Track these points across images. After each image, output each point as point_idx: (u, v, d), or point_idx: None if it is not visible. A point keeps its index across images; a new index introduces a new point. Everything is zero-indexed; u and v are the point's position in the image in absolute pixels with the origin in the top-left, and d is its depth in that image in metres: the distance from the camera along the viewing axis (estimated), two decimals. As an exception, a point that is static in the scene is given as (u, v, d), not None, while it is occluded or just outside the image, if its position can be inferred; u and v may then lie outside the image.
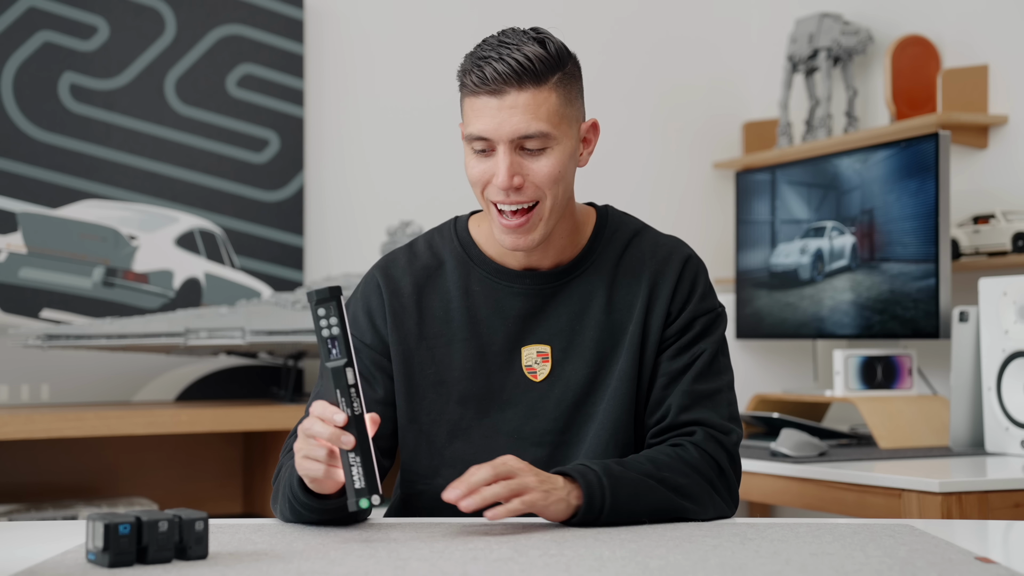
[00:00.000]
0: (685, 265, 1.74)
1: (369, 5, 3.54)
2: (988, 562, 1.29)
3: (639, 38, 3.82)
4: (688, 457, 1.63)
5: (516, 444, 1.68)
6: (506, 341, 1.70)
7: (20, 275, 3.13)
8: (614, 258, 1.73)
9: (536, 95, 1.60)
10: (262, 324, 3.10)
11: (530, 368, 1.70)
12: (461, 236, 1.76)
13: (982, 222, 2.96)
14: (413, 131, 3.55)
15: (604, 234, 1.74)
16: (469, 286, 1.72)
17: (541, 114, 1.60)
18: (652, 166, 3.82)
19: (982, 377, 2.61)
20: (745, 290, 3.33)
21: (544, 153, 1.62)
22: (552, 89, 1.61)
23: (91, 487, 3.15)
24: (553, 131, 1.61)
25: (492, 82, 1.59)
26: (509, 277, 1.72)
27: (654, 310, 1.71)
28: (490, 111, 1.60)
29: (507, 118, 1.59)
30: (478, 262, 1.73)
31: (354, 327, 1.73)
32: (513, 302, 1.71)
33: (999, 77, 3.10)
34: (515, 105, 1.59)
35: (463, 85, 1.64)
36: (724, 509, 1.66)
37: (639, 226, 1.78)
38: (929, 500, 2.20)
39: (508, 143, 1.60)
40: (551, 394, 1.69)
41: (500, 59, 1.59)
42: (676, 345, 1.70)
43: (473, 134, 1.62)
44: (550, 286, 1.72)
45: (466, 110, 1.64)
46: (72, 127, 3.19)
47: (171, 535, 1.27)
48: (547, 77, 1.60)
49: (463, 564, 1.29)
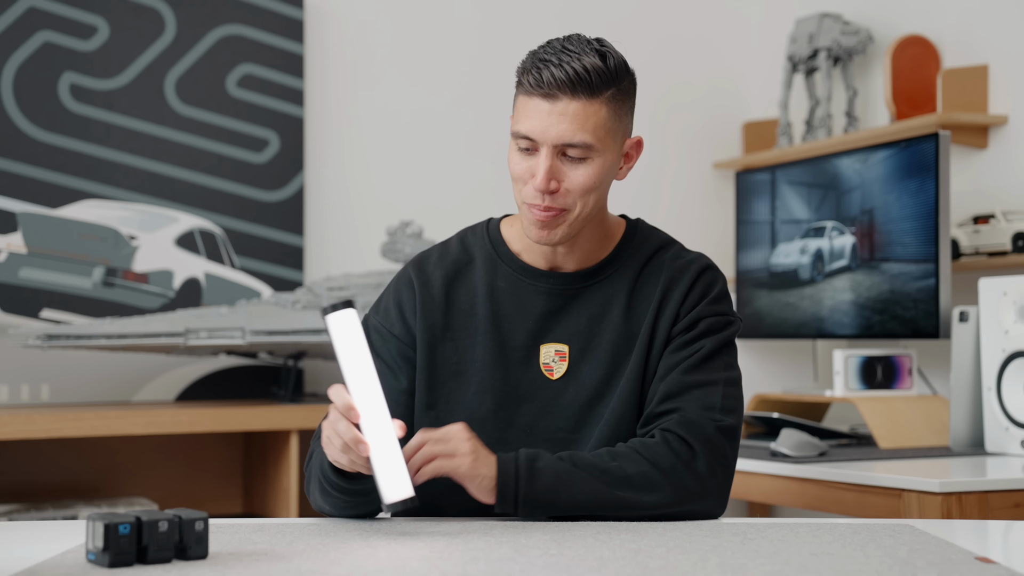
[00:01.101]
0: (702, 273, 1.76)
1: (369, 5, 3.54)
2: (988, 562, 1.29)
3: (639, 38, 3.82)
4: (648, 444, 1.63)
5: (529, 439, 1.72)
6: (526, 338, 1.74)
7: (20, 275, 3.13)
8: (637, 267, 1.77)
9: (587, 106, 1.63)
10: (262, 324, 3.10)
11: (547, 366, 1.74)
12: (492, 235, 1.81)
13: (982, 222, 2.96)
14: (413, 131, 3.55)
15: (632, 244, 1.79)
16: (495, 282, 1.77)
17: (588, 126, 1.64)
18: (652, 166, 3.82)
19: (982, 377, 2.61)
20: (745, 290, 3.33)
21: (584, 163, 1.66)
22: (604, 103, 1.65)
23: (91, 487, 3.16)
24: (597, 144, 1.65)
25: (547, 86, 1.63)
26: (534, 276, 1.77)
27: (664, 312, 1.73)
28: (540, 114, 1.64)
29: (555, 124, 1.63)
30: (506, 259, 1.78)
31: (384, 319, 1.79)
32: (536, 300, 1.75)
33: (999, 77, 3.10)
34: (565, 112, 1.63)
35: (520, 83, 1.68)
36: (694, 498, 1.62)
37: (667, 240, 1.82)
38: (929, 500, 2.20)
39: (552, 147, 1.64)
40: (566, 392, 1.73)
41: (559, 65, 1.63)
42: (678, 341, 1.72)
43: (520, 132, 1.66)
44: (572, 287, 1.76)
45: (518, 107, 1.68)
46: (72, 127, 3.19)
47: (171, 535, 1.27)
48: (601, 91, 1.64)
49: (463, 564, 1.29)
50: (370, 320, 1.81)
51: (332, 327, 1.49)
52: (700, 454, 1.63)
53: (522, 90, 1.67)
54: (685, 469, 1.62)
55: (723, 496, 1.66)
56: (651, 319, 1.73)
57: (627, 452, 1.63)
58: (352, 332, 1.49)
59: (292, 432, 2.97)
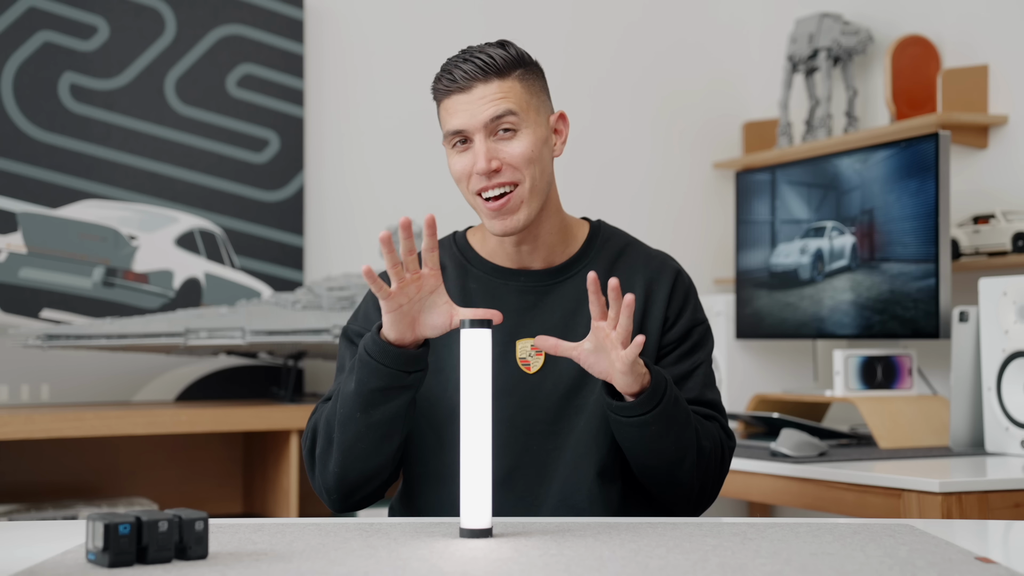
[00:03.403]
0: (678, 277, 1.87)
1: (369, 5, 3.54)
2: (988, 562, 1.29)
3: (641, 41, 3.82)
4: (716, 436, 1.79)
5: (509, 432, 1.76)
6: (501, 334, 1.78)
7: (20, 275, 3.13)
8: (607, 264, 1.85)
9: (501, 85, 1.74)
10: (262, 324, 3.10)
11: (524, 360, 1.80)
12: (460, 243, 1.89)
13: (982, 222, 2.96)
14: (413, 131, 3.55)
15: (596, 242, 1.87)
16: (467, 284, 1.84)
17: (509, 98, 1.74)
18: (653, 166, 3.82)
19: (982, 377, 2.61)
20: (745, 290, 3.33)
21: (516, 136, 1.74)
22: (515, 80, 1.75)
23: (91, 487, 3.16)
24: (520, 112, 1.74)
25: (461, 80, 1.73)
26: (504, 275, 1.83)
27: (650, 313, 1.83)
28: (462, 105, 1.74)
29: (478, 107, 1.73)
30: (475, 263, 1.85)
31: (364, 322, 1.84)
32: (508, 298, 1.81)
33: (999, 77, 3.10)
34: (484, 95, 1.73)
35: (436, 94, 1.78)
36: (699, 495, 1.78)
37: (630, 239, 1.91)
38: (929, 500, 2.20)
39: (482, 129, 1.73)
40: (543, 386, 1.79)
41: (466, 60, 1.75)
42: (677, 352, 1.83)
43: (450, 130, 1.75)
44: (543, 284, 1.82)
45: (442, 115, 1.78)
46: (72, 127, 3.19)
47: (171, 535, 1.27)
48: (509, 72, 1.75)
49: (463, 564, 1.29)
50: (349, 328, 1.86)
51: (465, 342, 1.47)
52: (715, 471, 1.80)
53: (440, 96, 1.77)
54: (714, 477, 1.79)
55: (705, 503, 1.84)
56: (637, 318, 1.80)
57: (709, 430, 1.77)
58: (481, 352, 1.46)
59: (292, 432, 2.97)
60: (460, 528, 1.46)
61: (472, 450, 1.46)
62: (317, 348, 3.20)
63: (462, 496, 1.46)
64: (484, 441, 1.46)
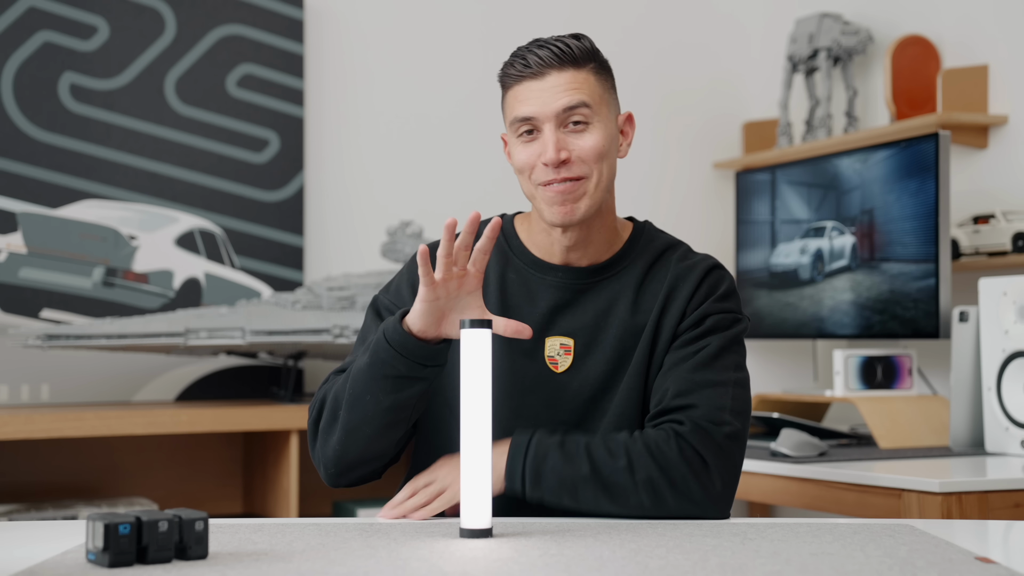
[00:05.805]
0: (709, 272, 1.78)
1: (369, 5, 3.54)
2: (988, 562, 1.29)
3: (641, 41, 3.82)
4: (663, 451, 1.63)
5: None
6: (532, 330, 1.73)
7: (20, 275, 3.13)
8: (645, 265, 1.78)
9: (576, 75, 1.69)
10: (262, 324, 3.10)
11: (552, 359, 1.76)
12: (506, 228, 1.83)
13: (982, 222, 2.96)
14: (413, 131, 3.55)
15: (640, 242, 1.81)
16: (505, 273, 1.79)
17: (583, 89, 1.69)
18: (653, 166, 3.82)
19: (982, 377, 2.61)
20: (745, 290, 3.33)
21: (588, 129, 1.70)
22: (589, 72, 1.71)
23: (91, 487, 3.15)
24: (594, 105, 1.70)
25: (535, 66, 1.68)
26: (544, 269, 1.78)
27: (669, 310, 1.74)
28: (534, 93, 1.69)
29: (551, 97, 1.68)
30: (517, 253, 1.81)
31: (396, 297, 1.81)
32: (544, 293, 1.77)
33: (999, 77, 3.10)
34: (558, 84, 1.68)
35: (505, 80, 1.72)
36: (700, 509, 1.63)
37: (675, 241, 1.84)
38: (929, 500, 2.20)
39: (554, 119, 1.68)
40: (570, 386, 1.75)
41: (541, 47, 1.69)
42: (684, 337, 1.73)
43: (519, 116, 1.70)
44: (582, 282, 1.78)
45: (509, 102, 1.72)
46: (72, 127, 3.19)
47: (171, 535, 1.27)
48: (584, 63, 1.70)
49: (463, 564, 1.29)
50: (380, 299, 1.82)
51: (464, 341, 1.45)
52: (713, 469, 1.63)
53: (510, 82, 1.72)
54: (696, 481, 1.62)
55: (729, 504, 1.66)
56: (656, 315, 1.74)
57: (641, 453, 1.63)
58: (481, 352, 1.45)
59: (292, 432, 2.96)
60: (460, 528, 1.46)
61: (472, 450, 1.45)
62: (317, 348, 3.20)
63: (462, 496, 1.46)
64: (484, 441, 1.45)
